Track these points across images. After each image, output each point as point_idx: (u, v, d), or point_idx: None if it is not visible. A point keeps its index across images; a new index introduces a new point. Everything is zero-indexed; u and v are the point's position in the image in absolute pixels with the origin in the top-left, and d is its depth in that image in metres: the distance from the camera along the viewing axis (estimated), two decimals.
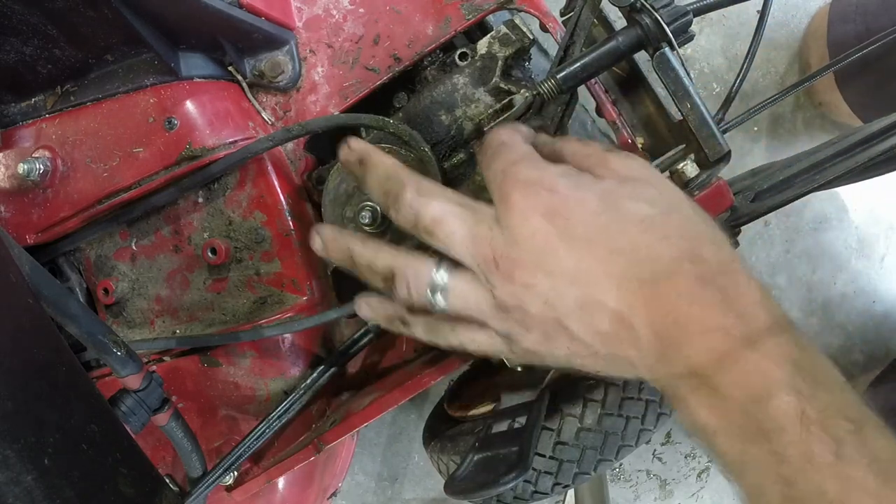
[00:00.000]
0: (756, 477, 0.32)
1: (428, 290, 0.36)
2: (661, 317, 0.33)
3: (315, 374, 0.57)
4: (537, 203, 0.34)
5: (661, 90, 0.50)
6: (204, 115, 0.52)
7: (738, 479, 0.33)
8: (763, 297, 0.34)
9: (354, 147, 0.41)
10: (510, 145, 0.37)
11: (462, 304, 0.36)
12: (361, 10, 0.56)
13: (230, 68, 0.55)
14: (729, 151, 0.44)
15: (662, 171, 0.51)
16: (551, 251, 0.33)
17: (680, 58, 0.44)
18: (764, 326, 0.33)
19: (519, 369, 0.55)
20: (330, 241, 0.40)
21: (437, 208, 0.35)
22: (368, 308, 0.41)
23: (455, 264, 0.36)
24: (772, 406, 0.31)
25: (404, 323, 0.40)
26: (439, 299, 0.36)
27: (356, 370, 0.65)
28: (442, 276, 0.36)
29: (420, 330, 0.39)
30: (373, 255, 0.38)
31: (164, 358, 0.60)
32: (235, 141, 0.53)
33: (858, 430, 0.30)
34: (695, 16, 0.46)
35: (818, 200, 1.28)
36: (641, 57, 0.49)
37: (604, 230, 0.34)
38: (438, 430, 0.73)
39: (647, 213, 0.34)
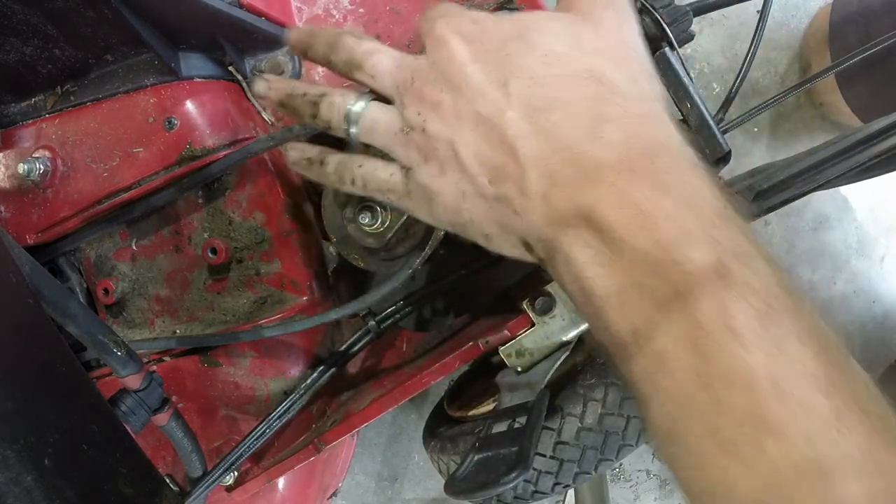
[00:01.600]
0: (658, 355, 0.26)
1: (345, 116, 0.36)
2: (549, 151, 0.30)
3: (315, 374, 0.57)
4: (458, 29, 0.34)
5: None
6: (204, 115, 0.52)
7: (631, 362, 0.28)
8: (681, 142, 0.30)
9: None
10: (444, 4, 0.38)
11: (370, 126, 0.36)
12: (361, 10, 0.56)
13: (230, 68, 0.55)
14: (729, 151, 0.44)
15: None
16: (460, 70, 0.33)
17: (680, 58, 0.44)
18: (675, 171, 0.28)
19: (519, 370, 0.55)
20: (273, 80, 0.41)
21: (370, 44, 0.36)
22: (294, 150, 0.42)
23: (378, 97, 0.37)
24: (683, 257, 0.26)
25: (322, 163, 0.40)
26: (354, 127, 0.36)
27: (356, 370, 0.65)
28: (361, 104, 0.36)
29: (332, 168, 0.39)
30: (307, 86, 0.39)
31: (164, 358, 0.60)
32: (235, 141, 0.53)
33: (789, 294, 0.25)
34: (695, 16, 0.46)
35: (818, 200, 1.28)
36: None
37: (508, 55, 0.32)
38: (438, 430, 0.73)
39: (557, 49, 0.32)
